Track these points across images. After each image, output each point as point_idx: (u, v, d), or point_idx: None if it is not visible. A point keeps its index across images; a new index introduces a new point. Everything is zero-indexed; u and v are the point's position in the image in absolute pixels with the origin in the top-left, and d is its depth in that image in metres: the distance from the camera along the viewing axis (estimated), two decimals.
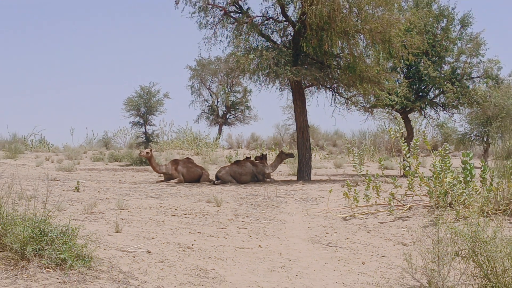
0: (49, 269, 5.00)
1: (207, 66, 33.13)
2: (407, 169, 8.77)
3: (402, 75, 17.43)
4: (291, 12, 14.52)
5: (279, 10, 14.47)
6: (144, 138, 29.49)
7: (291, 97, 15.14)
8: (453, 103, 17.22)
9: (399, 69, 17.12)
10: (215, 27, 14.29)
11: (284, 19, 14.59)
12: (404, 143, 8.90)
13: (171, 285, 5.35)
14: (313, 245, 7.22)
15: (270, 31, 14.78)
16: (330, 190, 9.72)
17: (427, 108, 18.08)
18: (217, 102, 34.19)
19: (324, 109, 25.59)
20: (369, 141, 27.98)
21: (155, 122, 31.66)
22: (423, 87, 17.52)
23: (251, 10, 14.45)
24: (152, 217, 8.18)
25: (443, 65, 17.28)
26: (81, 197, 9.79)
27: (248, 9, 14.42)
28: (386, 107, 17.86)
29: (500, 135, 22.58)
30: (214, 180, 14.02)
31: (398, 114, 20.37)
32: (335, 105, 15.49)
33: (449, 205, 7.94)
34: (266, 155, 15.30)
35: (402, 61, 15.35)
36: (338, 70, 14.41)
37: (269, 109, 48.23)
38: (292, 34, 14.55)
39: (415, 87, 17.37)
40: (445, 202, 7.92)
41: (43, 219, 5.32)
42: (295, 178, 15.03)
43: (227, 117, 34.14)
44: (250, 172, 14.00)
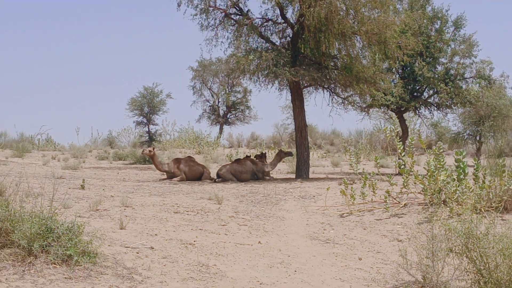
0: (55, 265, 5.01)
1: (208, 67, 33.10)
2: (402, 167, 8.78)
3: (397, 76, 17.42)
4: (290, 14, 14.53)
5: (278, 12, 14.46)
6: (147, 137, 29.50)
7: (289, 97, 15.13)
8: (447, 103, 17.21)
9: (394, 69, 17.12)
10: (216, 29, 14.29)
11: (283, 21, 14.58)
12: (399, 142, 8.89)
13: (174, 280, 5.35)
14: (311, 241, 7.22)
15: (269, 32, 14.77)
16: (327, 188, 9.72)
17: (421, 107, 18.08)
18: (218, 102, 34.17)
19: (321, 109, 25.46)
20: (365, 140, 27.97)
21: (158, 121, 31.75)
22: (417, 88, 17.52)
23: (251, 12, 14.46)
24: (155, 214, 8.18)
25: (437, 66, 17.27)
26: (86, 195, 9.79)
27: (248, 11, 14.42)
28: (381, 107, 17.85)
29: (492, 134, 22.60)
30: (215, 178, 14.01)
31: (393, 113, 20.36)
32: (332, 105, 15.49)
33: (443, 202, 7.94)
34: (265, 153, 15.29)
35: (397, 62, 15.33)
36: (335, 70, 14.40)
37: (268, 109, 48.23)
38: (290, 35, 14.54)
39: (410, 87, 17.36)
40: (439, 199, 7.92)
41: (49, 216, 5.32)
42: (293, 176, 15.02)
43: (228, 116, 34.12)
44: (250, 170, 13.99)
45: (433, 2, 17.16)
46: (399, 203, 8.76)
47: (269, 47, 14.32)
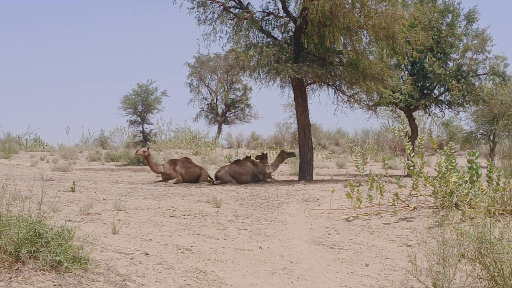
0: (44, 272, 5.01)
1: (206, 63, 33.12)
2: (412, 168, 8.78)
3: (406, 72, 17.42)
4: (292, 7, 14.53)
5: (280, 5, 14.47)
6: (141, 137, 29.51)
7: (292, 95, 15.14)
8: (459, 101, 17.21)
9: (403, 66, 17.11)
10: (214, 23, 14.29)
11: (285, 14, 14.58)
12: (408, 142, 8.90)
13: None
14: (315, 246, 7.22)
15: (270, 27, 14.77)
16: (332, 190, 9.73)
17: (432, 106, 18.07)
18: (217, 100, 34.18)
19: (326, 107, 25.63)
20: (372, 140, 27.97)
21: (153, 120, 31.73)
22: (427, 85, 17.52)
23: (251, 5, 14.46)
24: (150, 218, 8.19)
25: (449, 62, 17.27)
26: (77, 198, 9.79)
27: (248, 4, 14.42)
28: (389, 105, 17.84)
29: (506, 133, 22.58)
30: (213, 180, 14.02)
31: (402, 112, 20.36)
32: (337, 103, 15.48)
33: (454, 205, 7.94)
34: (266, 154, 15.29)
35: (406, 57, 15.32)
36: (340, 67, 14.40)
37: (269, 107, 48.25)
38: (293, 30, 14.54)
39: (419, 84, 17.36)
40: (451, 202, 7.92)
41: (38, 220, 5.32)
42: (296, 178, 15.03)
43: (227, 115, 34.14)
44: (250, 172, 14.00)
45: None
46: (408, 206, 8.76)
47: (271, 42, 14.32)
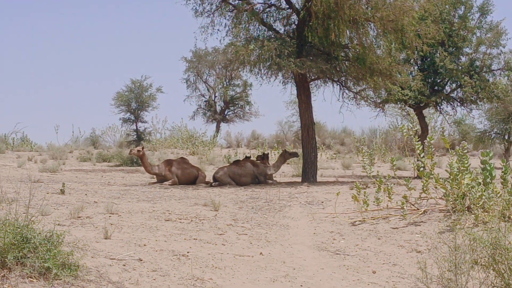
0: (32, 279, 5.01)
1: (203, 57, 33.09)
2: (421, 169, 8.77)
3: (416, 68, 17.42)
4: None
5: None
6: (135, 136, 29.48)
7: (295, 92, 15.15)
8: (472, 98, 17.21)
9: (412, 61, 17.12)
10: (212, 15, 14.29)
11: (287, 6, 14.58)
12: (418, 141, 8.89)
13: None
14: (319, 252, 7.23)
15: (272, 19, 14.77)
16: (337, 192, 9.73)
17: (443, 103, 18.08)
18: (215, 97, 34.17)
19: (331, 105, 25.48)
20: (380, 140, 27.97)
21: (147, 118, 31.71)
22: (438, 81, 17.51)
23: None
24: (144, 222, 8.19)
25: (461, 57, 17.27)
26: (66, 201, 9.80)
27: None
28: (398, 102, 17.85)
29: None
30: (211, 181, 14.03)
31: (411, 110, 20.36)
32: (343, 100, 15.49)
33: (467, 209, 7.94)
34: (268, 154, 15.29)
35: (416, 52, 15.33)
36: (346, 62, 14.40)
37: (271, 104, 48.23)
38: (296, 22, 14.54)
39: (430, 80, 17.36)
40: (463, 205, 7.92)
41: (25, 224, 5.32)
42: (299, 179, 15.04)
43: (226, 113, 34.13)
44: (250, 173, 14.00)
45: None
46: (418, 209, 8.76)
47: (272, 36, 14.32)
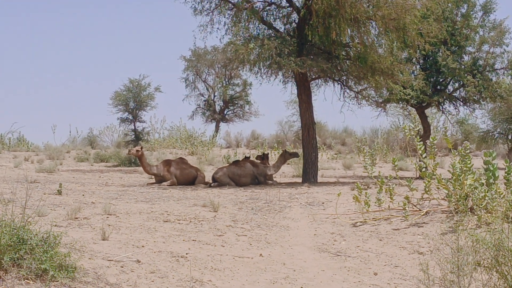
0: (28, 281, 5.01)
1: (203, 56, 33.10)
2: (424, 170, 8.77)
3: (418, 67, 17.42)
4: None
5: None
6: (133, 136, 29.51)
7: (295, 91, 15.14)
8: (475, 98, 17.21)
9: (414, 60, 17.12)
10: (211, 13, 14.28)
11: (287, 4, 14.57)
12: (420, 141, 8.89)
13: None
14: (320, 254, 7.23)
15: (272, 17, 14.76)
16: (338, 193, 9.72)
17: (445, 103, 18.08)
18: (214, 96, 34.19)
19: (332, 104, 25.51)
20: (381, 140, 27.99)
21: (146, 118, 31.73)
22: (441, 80, 17.52)
23: None
24: (142, 223, 8.20)
25: (464, 56, 17.27)
26: (64, 201, 9.80)
27: None
28: (400, 102, 17.85)
29: None
30: (210, 182, 14.02)
31: (413, 109, 20.37)
32: (344, 100, 15.49)
33: (470, 210, 7.94)
34: (268, 154, 15.28)
35: (418, 51, 15.31)
36: (347, 61, 14.40)
37: (271, 104, 48.26)
38: (296, 21, 14.53)
39: (432, 79, 17.36)
40: (466, 206, 7.92)
41: (22, 225, 5.32)
42: (300, 180, 15.03)
43: (225, 113, 34.14)
44: (250, 173, 14.00)
45: None
46: (420, 210, 8.76)
47: (272, 34, 14.32)
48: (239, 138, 32.80)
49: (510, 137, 23.33)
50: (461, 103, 17.94)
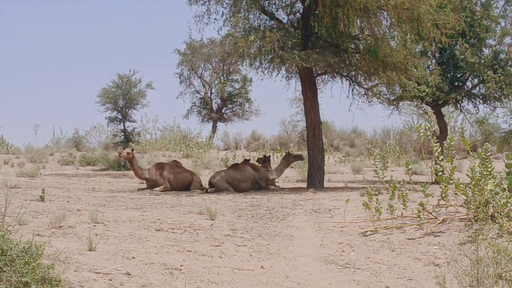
0: None
1: (198, 50, 33.13)
2: (440, 174, 8.77)
3: (433, 61, 17.41)
4: None
5: None
6: (122, 137, 29.49)
7: (299, 88, 15.15)
8: (495, 95, 17.18)
9: (430, 53, 17.10)
10: (208, 3, 14.29)
11: None
12: (436, 143, 8.90)
13: None
14: (327, 266, 7.23)
15: (274, 7, 14.78)
16: (347, 199, 9.72)
17: (464, 100, 18.05)
18: (211, 93, 34.22)
19: (339, 102, 25.64)
20: (394, 141, 27.97)
21: (136, 117, 31.65)
22: (459, 75, 17.51)
23: None
24: (132, 233, 8.20)
25: (484, 49, 17.24)
26: (47, 208, 9.80)
27: None
28: (414, 100, 17.83)
29: None
30: (207, 187, 14.03)
31: (429, 107, 20.35)
32: (353, 97, 15.49)
33: (490, 217, 7.94)
34: (269, 157, 15.29)
35: (433, 43, 15.32)
36: (356, 54, 14.40)
37: (273, 102, 48.29)
38: (301, 11, 14.54)
39: (449, 75, 17.35)
40: (486, 214, 7.92)
41: (1, 234, 5.32)
42: (304, 185, 15.04)
43: (223, 111, 34.17)
44: (250, 178, 14.01)
45: None
46: (436, 218, 8.76)
47: (274, 26, 14.32)
48: (238, 139, 32.82)
49: None
50: (481, 101, 17.91)
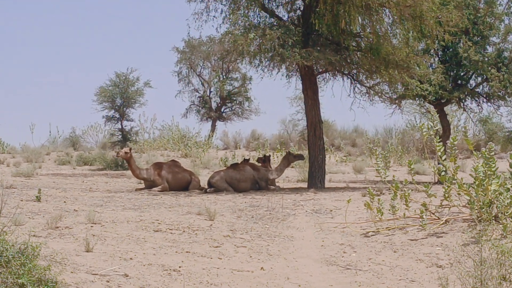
0: None
1: (197, 48, 33.10)
2: (443, 174, 8.77)
3: (436, 59, 17.42)
4: None
5: None
6: (120, 136, 29.47)
7: (300, 86, 15.16)
8: (499, 93, 17.18)
9: (433, 51, 17.11)
10: (207, 0, 14.30)
11: None
12: (439, 142, 8.90)
13: None
14: (328, 267, 7.23)
15: (274, 4, 14.78)
16: (348, 200, 9.72)
17: (467, 99, 18.05)
18: (210, 92, 34.19)
19: (341, 101, 25.54)
20: (396, 140, 27.98)
21: (134, 116, 31.63)
22: (462, 74, 17.51)
23: None
24: (130, 233, 8.20)
25: (487, 47, 17.24)
26: (43, 209, 9.80)
27: None
28: (417, 98, 17.83)
29: None
30: (206, 187, 14.03)
31: (431, 106, 20.35)
32: (354, 96, 15.50)
33: (494, 218, 7.94)
34: (269, 157, 15.28)
35: (436, 41, 15.32)
36: (358, 52, 14.40)
37: (273, 101, 48.31)
38: (301, 8, 14.54)
39: (452, 73, 17.35)
40: (490, 214, 7.91)
41: None
42: (305, 185, 15.04)
43: (222, 110, 34.14)
44: (250, 177, 14.01)
45: None
46: (439, 219, 8.76)
47: (275, 23, 14.32)
48: (237, 138, 32.80)
49: None
50: (485, 100, 17.91)
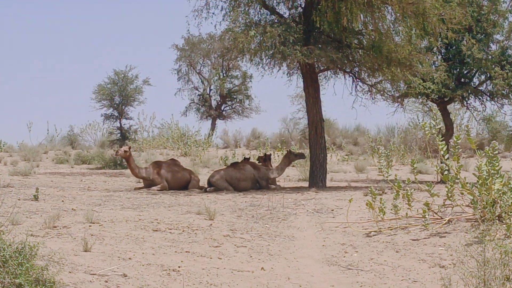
0: None
1: (197, 45, 33.11)
2: (446, 173, 8.77)
3: (439, 57, 17.40)
4: None
5: None
6: (119, 134, 29.50)
7: (301, 84, 15.15)
8: (503, 92, 17.17)
9: (435, 49, 17.10)
10: None
11: None
12: (442, 141, 8.90)
13: None
14: (329, 267, 7.23)
15: (275, 1, 14.77)
16: (350, 199, 9.72)
17: (470, 97, 18.04)
18: (210, 90, 34.19)
19: (342, 99, 25.37)
20: (398, 139, 27.97)
21: (133, 115, 31.65)
22: (465, 72, 17.50)
23: None
24: (129, 233, 8.20)
25: (491, 45, 17.23)
26: (41, 208, 9.80)
27: None
28: (419, 97, 17.81)
29: None
30: (205, 186, 14.03)
31: (434, 105, 20.35)
32: (356, 94, 15.48)
33: (497, 218, 7.94)
34: (270, 155, 15.28)
35: (439, 39, 15.31)
36: (360, 50, 14.39)
37: (274, 99, 48.28)
38: (303, 5, 14.53)
39: (455, 71, 17.34)
40: (493, 214, 7.91)
41: None
42: (306, 184, 15.04)
43: (222, 109, 34.15)
44: (250, 177, 14.01)
45: None
46: (442, 219, 8.76)
47: (275, 20, 14.32)
48: (238, 137, 32.81)
49: None
50: (488, 98, 17.89)
